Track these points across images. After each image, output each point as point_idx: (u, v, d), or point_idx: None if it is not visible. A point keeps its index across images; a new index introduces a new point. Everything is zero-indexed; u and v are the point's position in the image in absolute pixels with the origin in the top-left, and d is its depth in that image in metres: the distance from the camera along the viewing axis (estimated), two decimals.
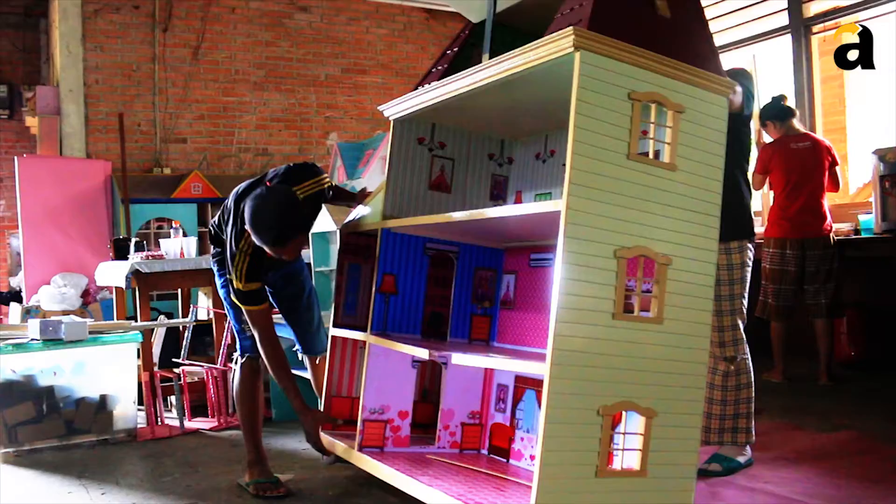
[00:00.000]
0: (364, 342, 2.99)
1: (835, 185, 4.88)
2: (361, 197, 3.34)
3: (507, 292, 3.20)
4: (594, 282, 2.03)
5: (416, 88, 2.89)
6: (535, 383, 2.89)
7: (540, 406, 2.57)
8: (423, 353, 2.57)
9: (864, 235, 5.04)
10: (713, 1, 6.81)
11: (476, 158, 3.27)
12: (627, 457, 2.14)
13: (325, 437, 3.12)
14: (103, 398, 4.08)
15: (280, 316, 3.43)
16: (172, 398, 4.58)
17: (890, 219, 4.81)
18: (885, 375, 4.95)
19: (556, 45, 2.08)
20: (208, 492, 3.17)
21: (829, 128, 6.22)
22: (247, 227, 2.81)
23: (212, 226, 3.27)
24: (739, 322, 3.07)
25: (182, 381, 4.44)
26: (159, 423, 4.38)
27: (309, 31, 8.37)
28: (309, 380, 3.96)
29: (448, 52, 3.04)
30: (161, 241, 4.95)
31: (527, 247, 3.12)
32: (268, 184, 2.97)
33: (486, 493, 2.39)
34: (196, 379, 4.58)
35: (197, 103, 7.83)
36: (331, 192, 3.12)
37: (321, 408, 3.28)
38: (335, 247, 4.02)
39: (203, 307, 4.92)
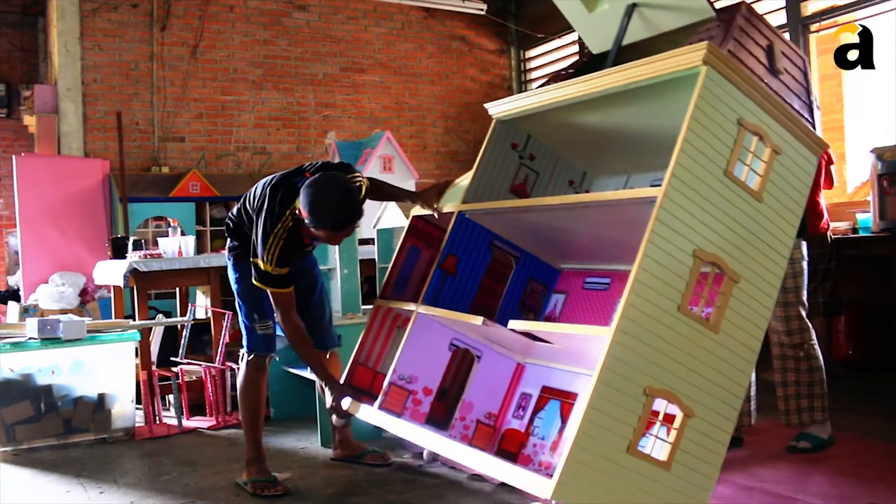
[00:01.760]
0: (408, 319, 3.05)
1: (829, 184, 4.88)
2: (415, 195, 3.35)
3: (553, 310, 3.24)
4: (670, 270, 2.15)
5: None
6: (561, 394, 2.94)
7: (563, 418, 2.64)
8: (476, 321, 2.67)
9: (861, 234, 5.03)
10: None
11: (558, 179, 3.34)
12: (658, 446, 2.18)
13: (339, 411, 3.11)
14: (101, 397, 4.08)
15: None
16: (170, 397, 4.58)
17: (888, 217, 4.81)
18: (882, 374, 4.95)
19: (687, 57, 2.26)
20: (206, 490, 3.18)
21: (827, 126, 6.22)
22: (303, 211, 2.84)
23: (230, 219, 3.27)
24: (803, 311, 3.40)
25: (180, 380, 4.44)
26: (157, 422, 4.38)
27: (307, 30, 8.36)
28: (308, 379, 3.97)
29: (562, 72, 3.17)
30: (159, 239, 4.95)
31: (584, 270, 3.19)
32: (308, 175, 2.99)
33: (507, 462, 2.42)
34: (194, 378, 4.58)
35: (195, 102, 7.83)
36: (364, 192, 3.11)
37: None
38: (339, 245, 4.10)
39: (201, 306, 4.92)
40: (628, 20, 2.86)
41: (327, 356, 3.40)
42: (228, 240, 3.29)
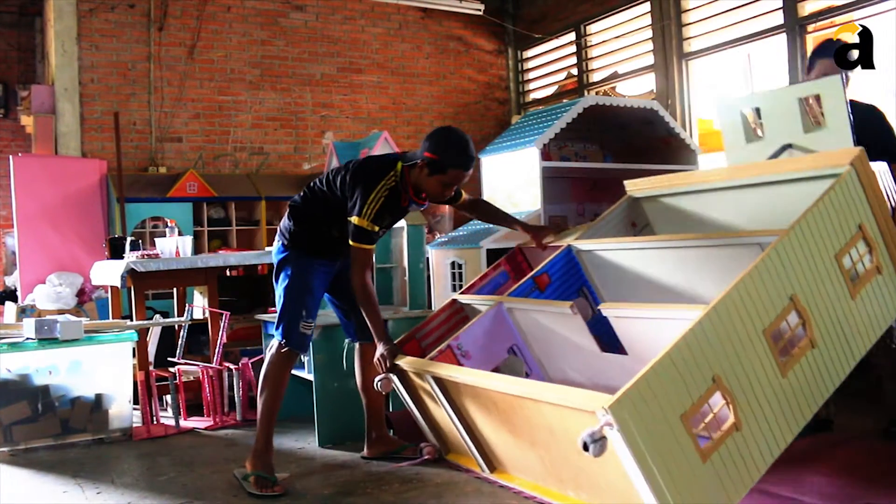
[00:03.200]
0: (484, 310, 3.36)
1: None
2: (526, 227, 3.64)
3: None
4: (768, 298, 2.39)
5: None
6: None
7: None
8: (564, 307, 2.93)
9: None
10: (707, 0, 6.83)
11: None
12: (701, 434, 2.23)
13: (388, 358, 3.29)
14: (99, 397, 4.07)
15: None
16: (168, 397, 4.58)
17: None
18: (882, 374, 4.94)
19: (840, 156, 2.67)
20: (204, 490, 3.17)
21: None
22: (434, 152, 3.08)
23: (298, 200, 3.36)
24: None
25: (178, 381, 4.43)
26: (155, 423, 4.37)
27: (304, 30, 8.36)
28: (307, 379, 3.96)
29: None
30: (156, 240, 4.95)
31: None
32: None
33: None
34: (192, 378, 4.57)
35: (192, 102, 7.82)
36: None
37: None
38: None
39: (199, 306, 4.91)
40: (777, 155, 3.21)
41: (373, 348, 3.46)
42: (288, 231, 3.31)
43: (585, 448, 2.04)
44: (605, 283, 3.45)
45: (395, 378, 3.30)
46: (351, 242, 3.13)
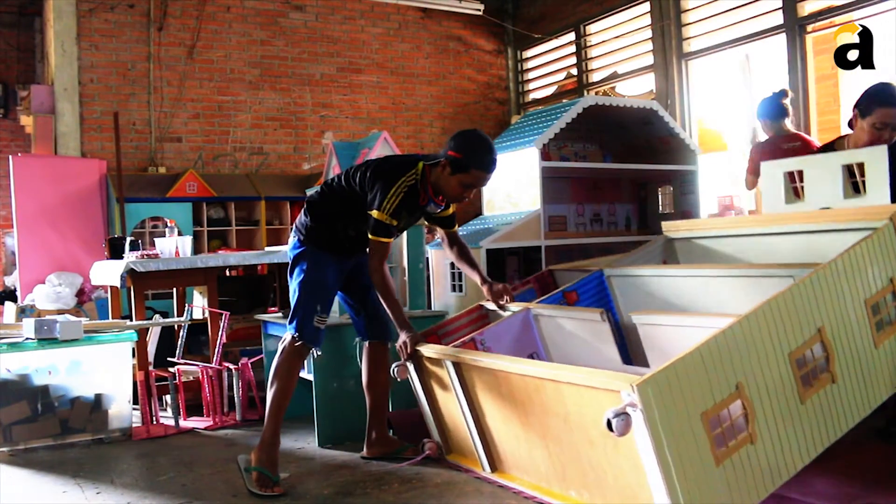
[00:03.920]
0: (518, 312, 3.46)
1: None
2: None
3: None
4: (798, 323, 2.46)
5: None
6: None
7: None
8: (595, 314, 3.05)
9: None
10: (707, 0, 6.83)
11: None
12: (718, 439, 2.25)
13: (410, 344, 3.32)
14: (98, 397, 4.07)
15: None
16: (167, 397, 4.58)
17: None
18: None
19: (876, 212, 2.80)
20: (203, 491, 3.17)
21: (824, 127, 6.23)
22: (459, 152, 3.13)
23: (315, 196, 3.39)
24: None
25: (177, 381, 4.43)
26: (154, 423, 4.37)
27: (304, 30, 8.36)
28: (306, 379, 3.96)
29: None
30: (156, 240, 4.95)
31: None
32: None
33: None
34: (191, 378, 4.57)
35: (192, 102, 7.82)
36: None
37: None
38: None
39: (198, 306, 4.91)
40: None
41: (382, 347, 3.54)
42: (304, 227, 3.34)
43: (609, 427, 2.08)
44: (630, 309, 3.51)
45: (411, 367, 3.33)
46: (370, 235, 3.18)
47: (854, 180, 3.24)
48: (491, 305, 3.60)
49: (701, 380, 2.20)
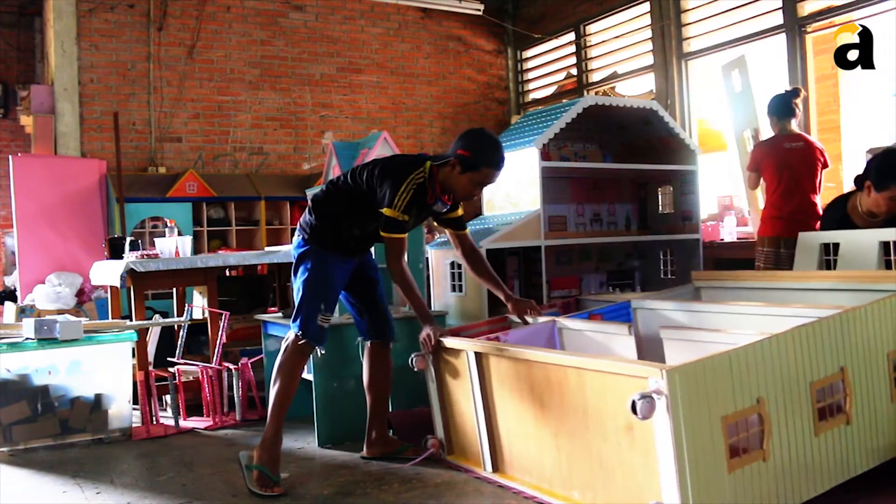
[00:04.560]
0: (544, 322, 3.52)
1: (819, 187, 4.89)
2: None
3: None
4: (822, 355, 2.53)
5: None
6: None
7: None
8: (622, 329, 3.10)
9: None
10: (707, 0, 6.83)
11: None
12: (733, 445, 2.27)
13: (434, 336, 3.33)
14: (98, 397, 4.07)
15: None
16: (167, 397, 4.58)
17: None
18: None
19: None
20: (203, 491, 3.17)
21: (824, 127, 6.23)
22: (469, 150, 3.16)
23: (319, 195, 3.38)
24: None
25: (177, 381, 4.43)
26: (154, 423, 4.37)
27: (304, 30, 8.36)
28: (305, 379, 3.96)
29: None
30: (156, 240, 4.94)
31: None
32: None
33: None
34: (191, 378, 4.57)
35: (192, 102, 7.82)
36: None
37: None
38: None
39: (198, 306, 4.91)
40: None
41: (384, 347, 3.55)
42: (308, 225, 3.34)
43: (633, 409, 2.11)
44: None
45: (429, 360, 3.35)
46: (383, 234, 3.19)
47: (888, 258, 3.30)
48: (516, 319, 3.59)
49: (726, 383, 2.25)
